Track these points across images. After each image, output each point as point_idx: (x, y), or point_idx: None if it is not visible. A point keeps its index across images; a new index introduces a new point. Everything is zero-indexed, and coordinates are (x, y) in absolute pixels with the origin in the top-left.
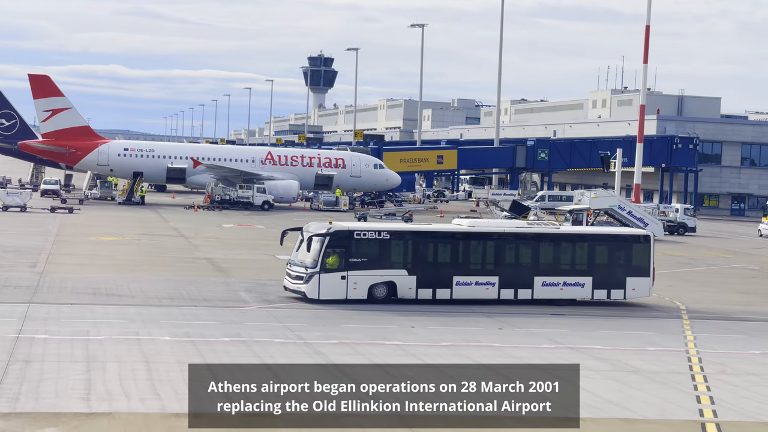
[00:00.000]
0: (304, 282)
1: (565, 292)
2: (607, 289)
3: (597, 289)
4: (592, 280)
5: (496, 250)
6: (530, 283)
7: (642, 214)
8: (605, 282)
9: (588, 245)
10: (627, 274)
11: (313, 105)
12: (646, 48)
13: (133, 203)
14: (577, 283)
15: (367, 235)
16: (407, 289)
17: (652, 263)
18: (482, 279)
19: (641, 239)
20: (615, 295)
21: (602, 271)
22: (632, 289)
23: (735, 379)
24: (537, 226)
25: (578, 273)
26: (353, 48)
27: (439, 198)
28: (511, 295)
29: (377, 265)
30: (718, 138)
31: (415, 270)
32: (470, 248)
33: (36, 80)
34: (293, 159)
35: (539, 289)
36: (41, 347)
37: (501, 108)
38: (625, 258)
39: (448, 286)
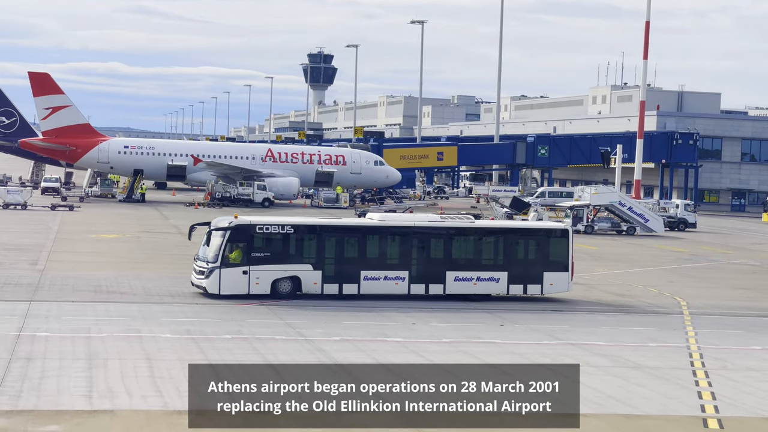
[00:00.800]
0: (205, 277)
1: (479, 287)
2: (524, 284)
3: (513, 284)
4: (507, 274)
5: (405, 244)
6: (442, 278)
7: (642, 210)
8: (521, 277)
9: (503, 239)
10: (544, 269)
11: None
12: (646, 44)
13: (133, 201)
14: (491, 278)
15: (270, 230)
16: (312, 284)
17: (570, 257)
18: (391, 274)
19: (559, 233)
20: (532, 291)
21: (518, 266)
22: (550, 284)
23: (736, 375)
24: (450, 220)
25: (493, 268)
26: (353, 45)
27: (440, 194)
28: (422, 290)
29: (281, 260)
30: (718, 133)
31: (321, 265)
32: (379, 243)
33: (36, 78)
34: (293, 156)
35: (452, 284)
36: (43, 345)
37: (501, 104)
38: (543, 252)
39: (356, 281)
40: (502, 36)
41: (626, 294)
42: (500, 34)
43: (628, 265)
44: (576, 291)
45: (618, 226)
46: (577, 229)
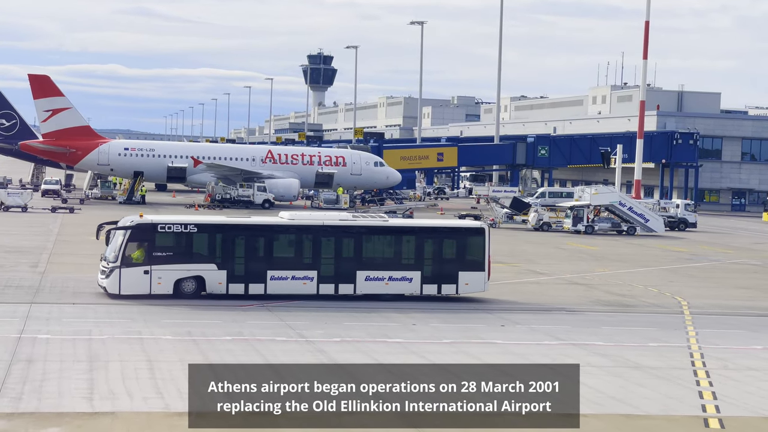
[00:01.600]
0: (105, 277)
1: (391, 287)
2: (438, 283)
3: (426, 284)
4: (420, 274)
5: (314, 243)
6: (353, 278)
7: (642, 210)
8: (435, 276)
9: (417, 238)
10: (460, 269)
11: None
12: (646, 43)
13: (133, 203)
14: (404, 278)
15: (173, 229)
16: (217, 284)
17: (487, 257)
18: (299, 273)
19: (475, 232)
20: (446, 290)
21: (432, 265)
22: (465, 283)
23: (737, 374)
24: (362, 219)
25: (406, 267)
26: (353, 46)
27: (440, 195)
28: (332, 290)
29: (184, 260)
30: (719, 133)
31: (225, 264)
32: (286, 242)
33: (36, 80)
34: (293, 157)
35: (362, 284)
36: (44, 347)
37: (501, 105)
38: (458, 251)
39: (262, 281)
40: (501, 36)
41: (627, 294)
42: (500, 35)
43: (628, 265)
44: (577, 291)
45: (618, 226)
46: (578, 229)
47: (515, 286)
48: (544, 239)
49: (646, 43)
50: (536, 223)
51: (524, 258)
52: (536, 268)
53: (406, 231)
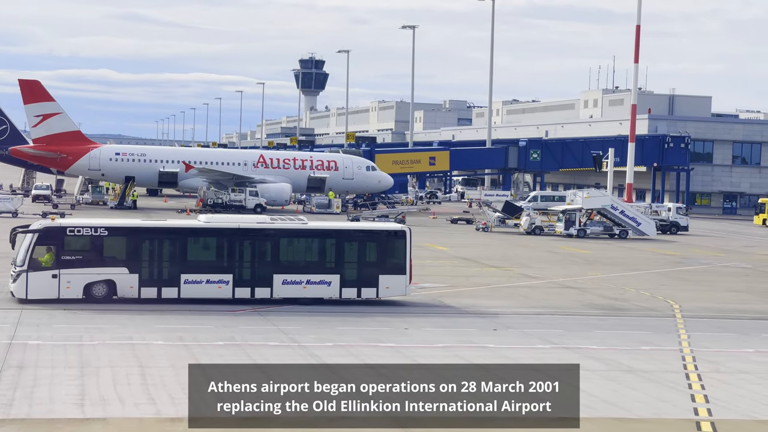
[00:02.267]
0: (13, 281)
1: (309, 291)
2: (358, 287)
3: (346, 288)
4: (340, 278)
5: (229, 246)
6: (269, 282)
7: (634, 214)
8: (355, 280)
9: (336, 241)
10: (380, 272)
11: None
12: (637, 47)
13: (125, 208)
14: (322, 281)
15: (82, 232)
16: (128, 288)
17: (408, 260)
18: (214, 277)
19: (396, 234)
20: (366, 294)
21: (352, 269)
22: (386, 287)
23: (729, 378)
24: (280, 222)
25: (324, 270)
26: (344, 50)
27: (432, 199)
28: (248, 293)
29: (94, 263)
30: (710, 137)
31: (137, 268)
32: (200, 245)
33: (26, 85)
34: (285, 162)
35: (279, 287)
36: (34, 353)
37: (493, 109)
38: (378, 254)
39: (176, 285)
40: (493, 40)
41: (619, 298)
42: (491, 39)
43: (620, 269)
44: (569, 295)
45: (610, 230)
46: (570, 232)
47: (507, 290)
48: (536, 243)
49: (637, 47)
50: (528, 227)
51: (516, 262)
52: (528, 272)
53: (326, 234)
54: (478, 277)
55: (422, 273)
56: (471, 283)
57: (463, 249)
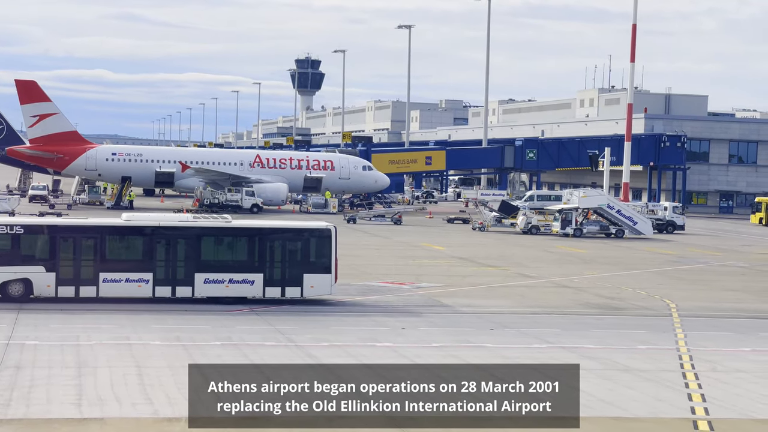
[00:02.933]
0: None
1: (232, 290)
2: (282, 286)
3: (269, 287)
4: (263, 276)
5: (149, 245)
6: (191, 281)
7: (631, 213)
8: (279, 279)
9: (260, 240)
10: (304, 271)
11: (300, 107)
12: (633, 47)
13: (121, 208)
14: (245, 280)
15: None
16: (45, 287)
17: (334, 259)
18: (134, 276)
19: (321, 233)
20: (291, 293)
21: (276, 268)
22: (311, 286)
23: (726, 377)
24: (202, 220)
25: (247, 269)
26: (340, 50)
27: (428, 199)
28: (168, 292)
29: (10, 262)
30: (706, 136)
31: (54, 267)
32: (119, 243)
33: (23, 86)
34: (282, 162)
35: (201, 286)
36: (32, 353)
37: (489, 108)
38: (303, 253)
39: (94, 284)
40: (489, 40)
41: (616, 297)
42: (487, 38)
43: (617, 268)
44: (566, 294)
45: (607, 229)
46: (566, 232)
47: (504, 290)
48: (532, 242)
49: (633, 46)
50: (525, 227)
51: (513, 261)
52: (525, 272)
53: (249, 232)
54: (475, 276)
55: (419, 273)
56: (467, 282)
57: (460, 248)
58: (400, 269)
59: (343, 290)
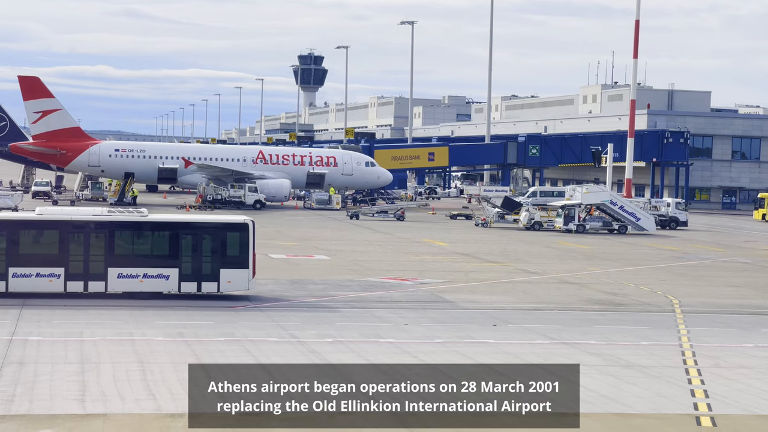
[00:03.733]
0: None
1: (147, 285)
2: (198, 281)
3: (185, 282)
4: (178, 271)
5: (61, 239)
6: (104, 275)
7: (634, 209)
8: (195, 274)
9: (176, 235)
10: (222, 266)
11: (303, 103)
12: (636, 43)
13: (124, 204)
14: (160, 275)
15: None
16: None
17: (251, 254)
18: (44, 271)
19: (238, 228)
20: (207, 288)
21: (191, 263)
22: (228, 281)
23: (729, 373)
24: (117, 214)
25: (162, 264)
26: (343, 46)
27: (431, 195)
28: (81, 287)
29: None
30: (709, 132)
31: None
32: (30, 238)
33: (26, 82)
34: (284, 158)
35: (114, 281)
36: (35, 349)
37: (491, 104)
38: (219, 248)
39: (3, 279)
40: (492, 36)
41: (618, 293)
42: (490, 34)
43: (620, 264)
44: (568, 290)
45: (609, 225)
46: (569, 228)
47: (507, 286)
48: (535, 238)
49: (636, 42)
50: (528, 223)
51: (516, 257)
52: (528, 268)
53: (164, 227)
54: (478, 272)
55: (421, 269)
56: (470, 278)
57: (462, 245)
58: (403, 265)
59: (345, 286)
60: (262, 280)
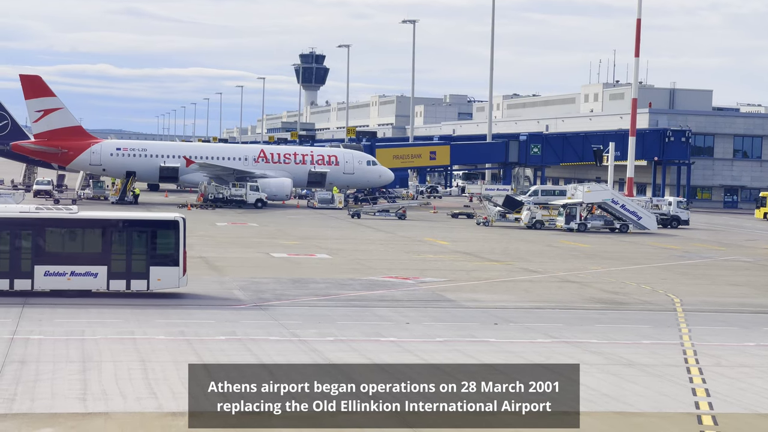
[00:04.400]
0: None
1: (74, 283)
2: (127, 279)
3: (114, 280)
4: (107, 269)
5: None
6: (30, 273)
7: (635, 208)
8: (124, 272)
9: (104, 232)
10: (151, 263)
11: (305, 102)
12: (638, 41)
13: (126, 203)
14: (89, 273)
15: None
16: None
17: (181, 252)
18: None
19: (167, 225)
20: (136, 286)
21: (120, 260)
22: (158, 279)
23: (730, 371)
24: (45, 212)
25: (91, 262)
26: (344, 45)
27: (432, 194)
28: (7, 285)
29: None
30: (710, 130)
31: None
32: None
33: (27, 80)
34: (286, 156)
35: (41, 279)
36: (36, 348)
37: (493, 103)
38: (149, 246)
39: None
40: (493, 35)
41: (620, 292)
42: (492, 33)
43: (621, 263)
44: (570, 289)
45: (611, 224)
46: (571, 227)
47: (508, 285)
48: (536, 237)
49: (637, 40)
50: (529, 221)
51: (517, 256)
52: (529, 266)
53: (92, 224)
54: (479, 271)
55: (423, 267)
56: (472, 277)
57: (464, 243)
58: (404, 264)
59: (347, 285)
60: (264, 279)
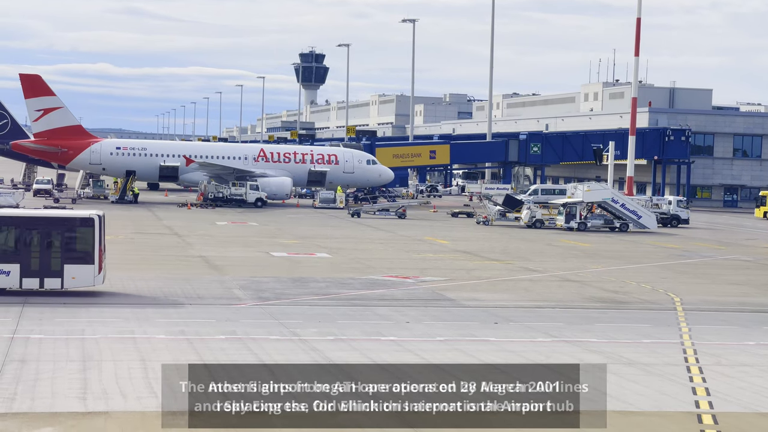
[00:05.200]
0: None
1: None
2: (41, 277)
3: (27, 278)
4: (20, 267)
5: None
6: None
7: (635, 207)
8: (37, 270)
9: (16, 229)
10: (66, 261)
11: (304, 101)
12: (637, 40)
13: (126, 202)
14: (1, 271)
15: None
16: None
17: (97, 249)
18: None
19: (82, 222)
20: (50, 285)
21: (33, 258)
22: (72, 277)
23: (730, 370)
24: None
25: (3, 260)
26: (344, 44)
27: (432, 193)
28: None
29: None
30: (710, 129)
31: None
32: None
33: (27, 80)
34: (286, 156)
35: None
36: (36, 347)
37: (493, 102)
38: (63, 243)
39: None
40: (493, 34)
41: (620, 291)
42: (491, 32)
43: (621, 262)
44: (570, 288)
45: (611, 223)
46: (571, 226)
47: (508, 284)
48: (536, 236)
49: (637, 40)
50: (529, 221)
51: (517, 255)
52: (529, 265)
53: (4, 221)
54: (479, 270)
55: (423, 266)
56: (472, 276)
57: (464, 242)
58: (404, 263)
59: (347, 284)
60: (265, 278)
